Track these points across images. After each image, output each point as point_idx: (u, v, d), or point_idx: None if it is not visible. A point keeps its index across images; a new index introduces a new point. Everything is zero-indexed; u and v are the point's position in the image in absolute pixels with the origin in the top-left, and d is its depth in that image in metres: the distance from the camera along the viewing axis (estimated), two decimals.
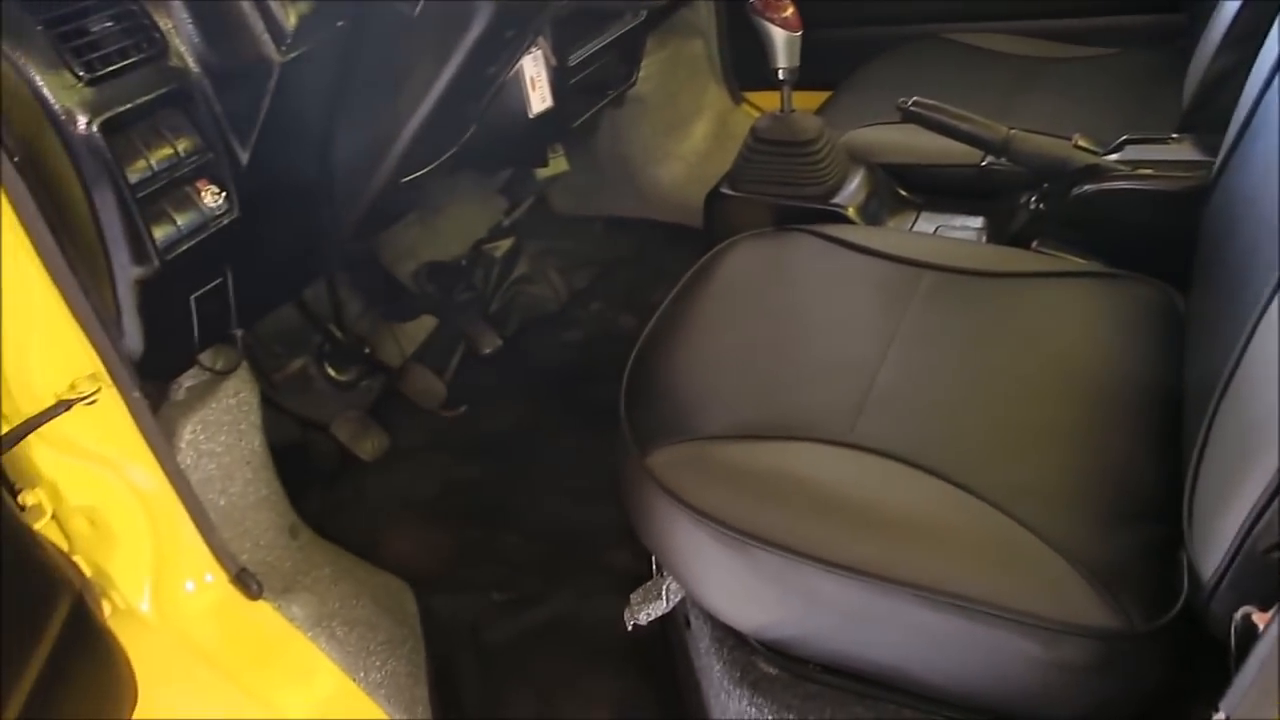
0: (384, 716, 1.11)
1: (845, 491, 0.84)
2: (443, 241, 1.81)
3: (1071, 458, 0.85)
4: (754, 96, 2.16)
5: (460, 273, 1.79)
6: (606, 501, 1.46)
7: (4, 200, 0.82)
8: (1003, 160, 1.23)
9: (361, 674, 1.11)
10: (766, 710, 0.86)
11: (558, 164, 1.53)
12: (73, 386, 0.92)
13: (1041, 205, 1.22)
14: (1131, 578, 0.75)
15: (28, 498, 0.95)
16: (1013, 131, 1.20)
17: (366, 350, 1.59)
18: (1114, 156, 1.18)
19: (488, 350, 1.68)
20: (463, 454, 1.59)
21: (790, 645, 0.87)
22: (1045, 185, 1.22)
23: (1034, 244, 1.20)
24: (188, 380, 1.16)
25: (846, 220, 1.29)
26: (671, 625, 1.15)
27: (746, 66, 2.11)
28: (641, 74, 1.80)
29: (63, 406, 0.91)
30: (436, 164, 1.14)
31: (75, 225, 0.88)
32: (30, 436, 0.91)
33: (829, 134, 1.34)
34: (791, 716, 0.85)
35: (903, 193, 1.39)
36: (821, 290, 1.11)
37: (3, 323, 0.88)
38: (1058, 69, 1.58)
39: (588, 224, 2.13)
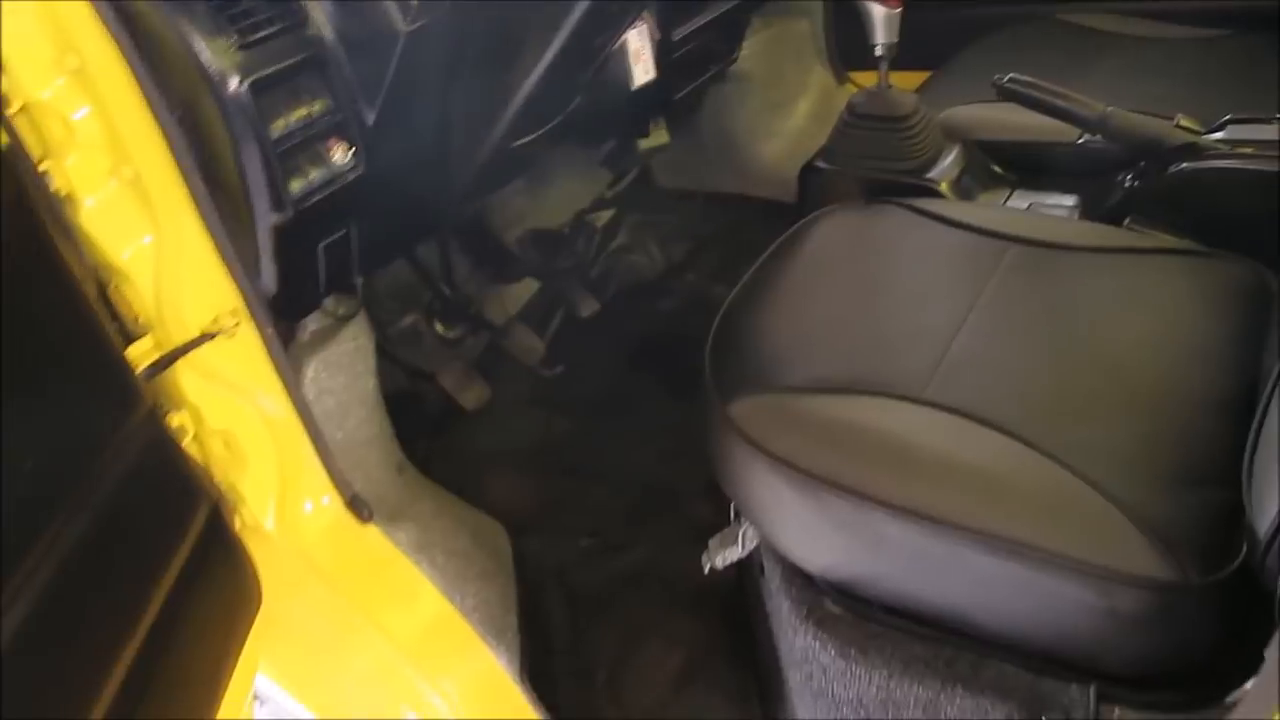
0: (477, 640, 1.20)
1: (915, 443, 0.88)
2: (547, 210, 1.89)
3: (1140, 423, 0.87)
4: (859, 77, 2.18)
5: (563, 240, 1.87)
6: (690, 460, 1.53)
7: (167, 153, 0.93)
8: (1098, 138, 1.24)
9: (458, 598, 1.20)
10: (830, 646, 0.92)
11: (659, 136, 1.59)
12: (216, 321, 1.03)
13: (1136, 183, 1.22)
14: (1190, 535, 0.77)
15: (173, 419, 1.06)
16: (1109, 109, 1.21)
17: (472, 309, 1.68)
18: (1215, 136, 1.18)
19: (586, 314, 1.76)
20: (557, 410, 1.68)
21: (855, 586, 0.92)
22: (1141, 163, 1.22)
23: (1126, 221, 1.21)
24: (312, 323, 1.27)
25: (939, 195, 1.32)
26: (746, 572, 1.21)
27: (852, 47, 2.13)
28: (746, 52, 1.84)
29: (206, 338, 1.02)
30: (544, 131, 1.22)
31: (223, 176, 0.98)
32: (178, 364, 1.03)
33: (925, 110, 1.36)
34: (853, 652, 0.90)
35: (997, 169, 1.40)
36: (905, 260, 1.14)
37: (160, 261, 0.99)
38: (1163, 49, 1.56)
39: (687, 198, 2.18)
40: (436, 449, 1.56)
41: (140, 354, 0.98)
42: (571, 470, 1.57)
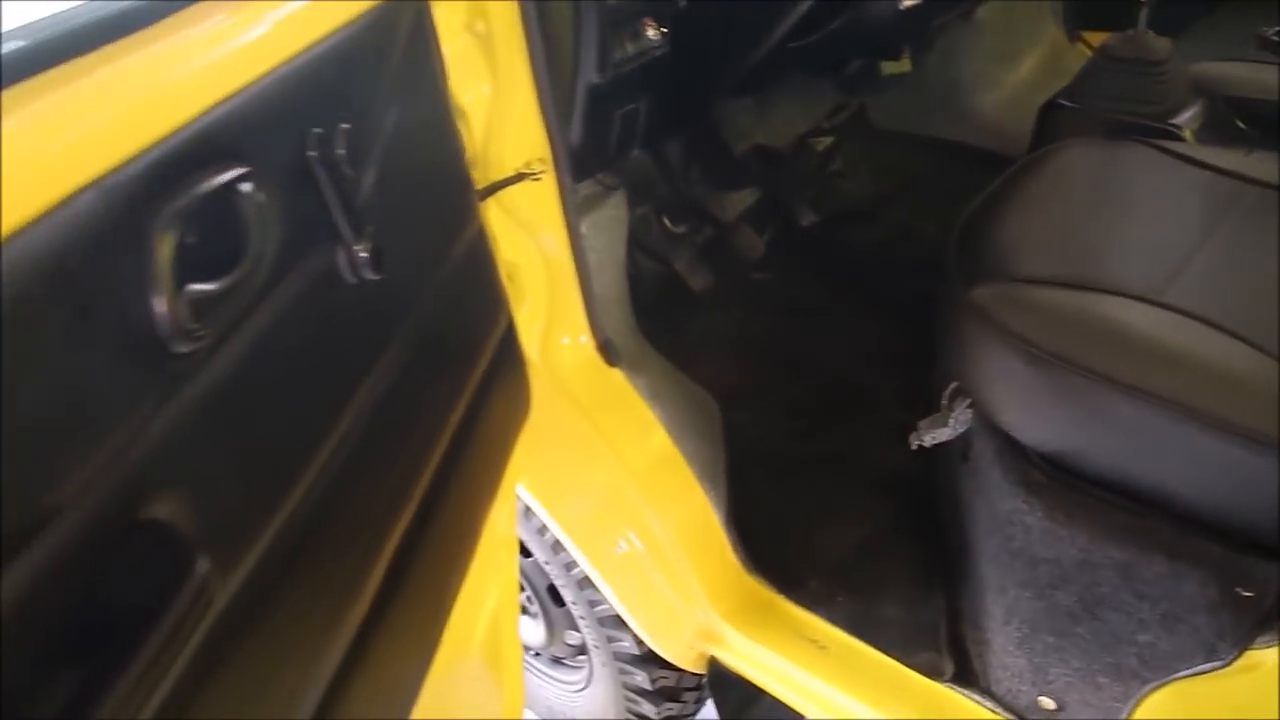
0: (694, 482, 1.36)
1: (1149, 336, 0.98)
2: (771, 130, 2.02)
3: None
4: (1090, 37, 2.19)
5: (784, 158, 1.99)
6: (886, 365, 1.65)
7: (518, 14, 1.09)
8: None
9: (680, 443, 1.37)
10: (1038, 509, 1.03)
11: (903, 64, 1.68)
12: (528, 164, 1.20)
13: None
14: None
15: None
16: None
17: (700, 206, 1.83)
18: None
19: (805, 223, 1.88)
20: (767, 308, 1.82)
21: (1065, 459, 1.02)
22: None
23: None
24: (584, 188, 1.44)
25: (1181, 140, 1.38)
26: (938, 461, 1.32)
27: (1088, 5, 2.15)
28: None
29: (520, 177, 1.19)
30: (817, 36, 1.34)
31: (559, 40, 1.15)
32: (489, 199, 1.21)
33: (1177, 59, 1.41)
34: (1059, 515, 1.01)
35: (1240, 125, 1.44)
36: (1147, 190, 1.22)
37: (492, 108, 1.17)
38: None
39: (902, 140, 2.26)
40: (656, 326, 1.72)
41: None
42: (777, 364, 1.71)
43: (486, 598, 1.06)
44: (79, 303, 0.40)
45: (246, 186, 0.46)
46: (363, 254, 0.58)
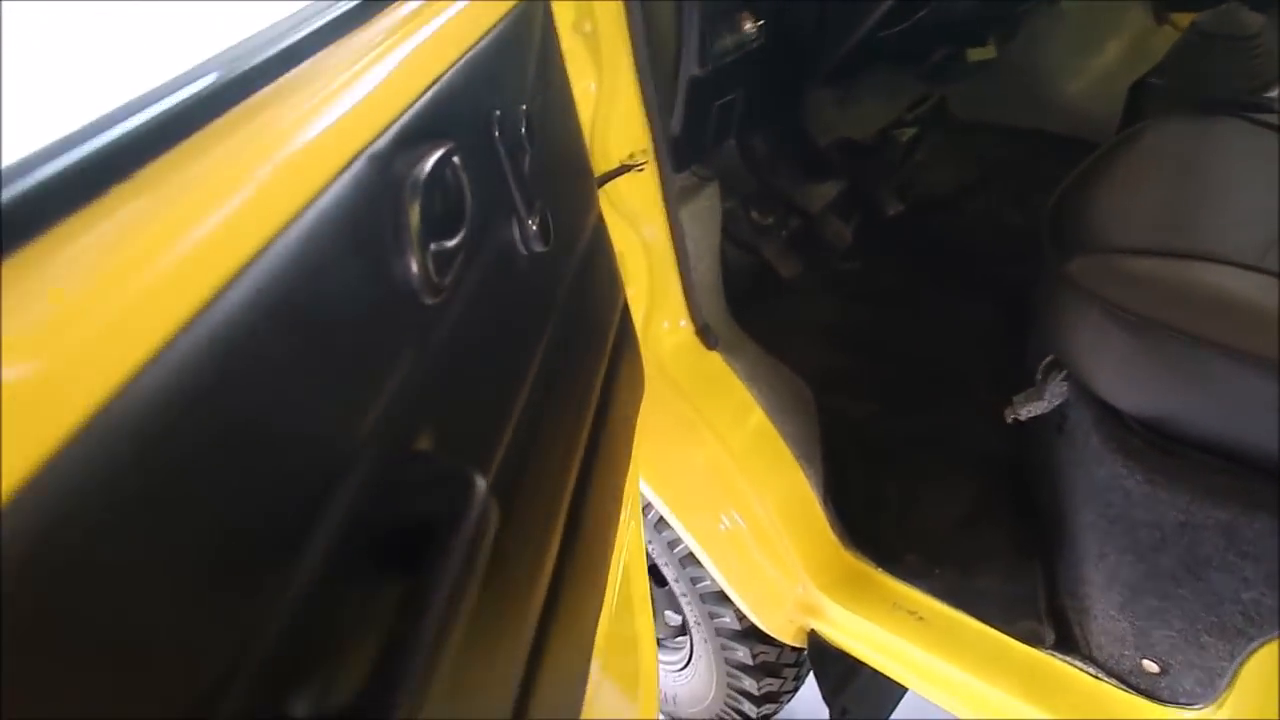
0: (792, 460, 1.41)
1: (1248, 299, 1.00)
2: (854, 123, 2.05)
3: None
4: (1179, 19, 2.18)
5: (868, 150, 2.03)
6: (979, 351, 1.67)
7: (623, 14, 1.16)
8: None
9: (777, 423, 1.42)
10: (1137, 473, 1.05)
11: (988, 50, 1.70)
12: (632, 155, 1.27)
13: None
14: None
15: None
16: None
17: (787, 198, 1.88)
18: None
19: (891, 213, 1.92)
20: (855, 296, 1.86)
21: (1163, 424, 1.04)
22: None
23: None
24: (681, 180, 1.50)
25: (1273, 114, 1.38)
26: (1033, 436, 1.35)
27: None
28: None
29: (625, 169, 1.26)
30: (907, 24, 1.38)
31: (661, 35, 1.21)
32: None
33: (1270, 34, 1.42)
34: (1160, 479, 1.03)
35: None
36: (1241, 159, 1.23)
37: (598, 103, 1.23)
38: None
39: (984, 130, 2.28)
40: (749, 314, 1.78)
41: None
42: (866, 346, 1.74)
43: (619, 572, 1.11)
44: (371, 254, 0.47)
45: (456, 159, 0.53)
46: (534, 227, 0.65)
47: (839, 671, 1.45)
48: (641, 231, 1.35)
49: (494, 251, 0.63)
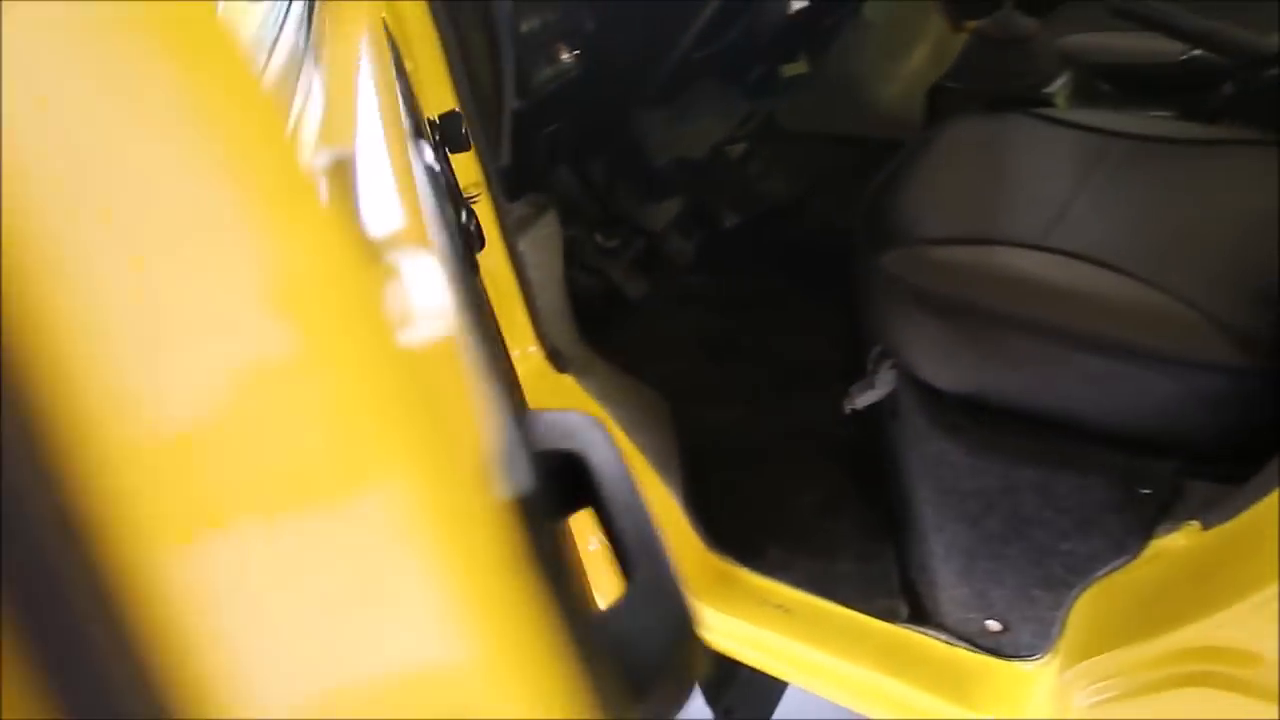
0: (650, 470, 1.45)
1: (1037, 276, 1.09)
2: (688, 141, 2.13)
3: (1228, 261, 1.07)
4: (972, 25, 2.35)
5: (703, 167, 2.11)
6: (828, 347, 1.76)
7: (441, 51, 1.18)
8: (1201, 51, 1.41)
9: (634, 438, 1.45)
10: (960, 447, 1.13)
11: (799, 65, 1.80)
12: (464, 189, 1.29)
13: (1233, 91, 1.40)
14: (1264, 335, 0.97)
15: None
16: (1215, 23, 1.39)
17: (629, 220, 1.93)
18: None
19: (728, 225, 1.99)
20: (707, 308, 1.93)
21: (979, 397, 1.13)
22: (1241, 72, 1.40)
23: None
24: (517, 209, 1.53)
25: (1054, 108, 1.51)
26: (875, 425, 1.43)
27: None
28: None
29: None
30: (718, 46, 1.45)
31: (478, 71, 1.24)
32: None
33: (1044, 35, 1.55)
34: (979, 449, 1.11)
35: (1105, 88, 1.59)
36: (1027, 150, 1.34)
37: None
38: None
39: (810, 140, 2.40)
40: (601, 336, 1.81)
41: None
42: (718, 354, 1.81)
43: None
44: None
45: None
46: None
47: (718, 673, 1.49)
48: (485, 261, 1.37)
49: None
